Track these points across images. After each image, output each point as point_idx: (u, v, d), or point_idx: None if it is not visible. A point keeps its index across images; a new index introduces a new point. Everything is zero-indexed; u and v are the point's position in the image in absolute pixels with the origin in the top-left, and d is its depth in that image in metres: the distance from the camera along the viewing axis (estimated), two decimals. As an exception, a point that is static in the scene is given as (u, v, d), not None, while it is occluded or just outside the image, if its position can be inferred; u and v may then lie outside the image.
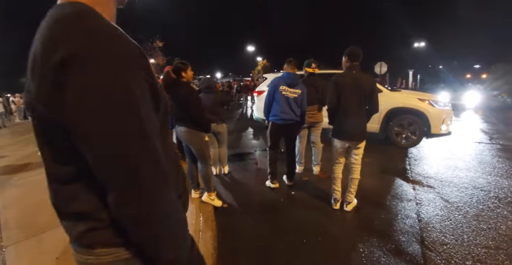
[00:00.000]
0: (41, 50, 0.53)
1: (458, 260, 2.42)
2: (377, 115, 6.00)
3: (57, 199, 0.69)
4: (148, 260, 0.69)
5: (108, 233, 0.67)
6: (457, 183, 4.12)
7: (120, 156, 0.55)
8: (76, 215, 0.67)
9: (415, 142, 6.08)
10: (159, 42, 20.06)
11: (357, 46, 3.09)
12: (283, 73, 3.80)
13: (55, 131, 0.56)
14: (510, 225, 2.97)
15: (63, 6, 0.60)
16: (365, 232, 2.86)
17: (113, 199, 0.59)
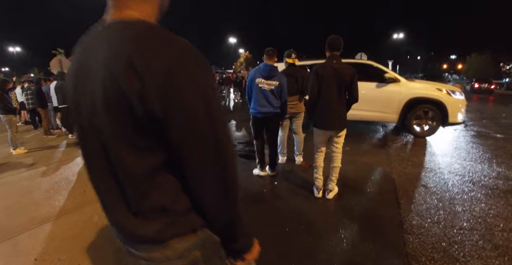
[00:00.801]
0: (139, 61, 0.62)
1: (435, 242, 2.50)
2: (396, 105, 6.01)
3: (134, 195, 0.73)
4: (223, 234, 0.80)
5: (183, 222, 0.75)
6: (434, 169, 4.25)
7: (212, 137, 0.69)
8: (155, 209, 0.73)
9: (432, 132, 6.09)
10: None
11: (338, 35, 3.08)
12: (260, 65, 3.73)
13: (148, 127, 0.66)
14: (484, 207, 3.10)
15: (133, 25, 0.69)
16: (347, 219, 2.91)
17: (201, 173, 0.70)
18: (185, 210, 0.75)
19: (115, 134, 0.69)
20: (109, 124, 0.69)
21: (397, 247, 2.45)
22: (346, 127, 3.18)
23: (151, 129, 0.66)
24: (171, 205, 0.73)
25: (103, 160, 0.74)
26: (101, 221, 2.95)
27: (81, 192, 3.72)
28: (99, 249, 2.49)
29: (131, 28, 0.68)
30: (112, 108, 0.66)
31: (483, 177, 3.92)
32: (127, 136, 0.68)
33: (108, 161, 0.73)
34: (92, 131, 0.73)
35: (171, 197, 0.73)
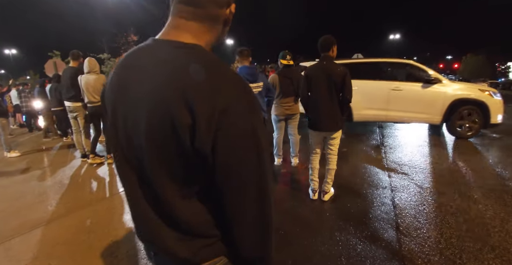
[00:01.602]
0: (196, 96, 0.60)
1: (431, 243, 2.48)
2: (440, 106, 5.88)
3: (172, 220, 0.73)
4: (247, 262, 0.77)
5: (215, 248, 0.75)
6: (430, 170, 4.24)
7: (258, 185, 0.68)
8: (195, 231, 0.74)
9: (475, 133, 6.00)
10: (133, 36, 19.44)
11: (330, 35, 3.05)
12: (240, 69, 3.45)
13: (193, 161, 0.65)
14: (481, 208, 3.08)
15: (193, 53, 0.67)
16: (342, 221, 2.88)
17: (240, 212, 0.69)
18: (218, 237, 0.75)
19: (154, 162, 0.69)
20: (149, 151, 0.68)
21: (393, 249, 2.43)
22: (341, 128, 3.15)
23: (195, 164, 0.65)
24: (207, 231, 0.74)
25: (137, 180, 0.75)
26: (93, 226, 2.91)
27: (74, 196, 3.67)
28: (90, 254, 2.45)
29: (191, 56, 0.66)
30: (155, 134, 0.65)
31: (480, 178, 3.90)
32: (167, 166, 0.68)
33: (145, 185, 0.73)
34: (130, 149, 0.72)
35: (207, 224, 0.74)
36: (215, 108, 0.60)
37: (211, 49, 0.79)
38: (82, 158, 5.09)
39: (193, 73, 0.62)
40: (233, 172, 0.65)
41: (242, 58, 3.41)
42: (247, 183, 0.67)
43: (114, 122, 0.75)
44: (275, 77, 4.16)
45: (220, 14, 0.74)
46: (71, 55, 4.83)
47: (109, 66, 17.95)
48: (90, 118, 4.76)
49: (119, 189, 3.78)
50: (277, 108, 4.25)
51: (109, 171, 4.54)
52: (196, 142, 0.61)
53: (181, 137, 0.61)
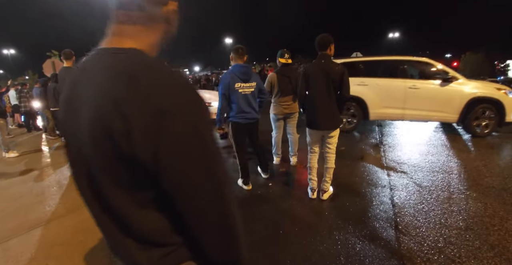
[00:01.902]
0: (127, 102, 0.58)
1: (430, 242, 2.47)
2: (457, 105, 5.82)
3: (127, 227, 0.71)
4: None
5: (176, 255, 0.72)
6: (429, 168, 4.23)
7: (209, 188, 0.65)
8: (151, 240, 0.71)
9: (491, 131, 5.97)
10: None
11: (327, 34, 3.04)
12: (233, 67, 3.31)
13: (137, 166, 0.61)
14: (479, 206, 3.07)
15: (127, 59, 0.64)
16: (341, 220, 2.88)
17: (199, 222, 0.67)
18: (179, 244, 0.73)
19: (102, 173, 0.67)
20: (97, 161, 0.66)
21: (392, 248, 2.42)
22: (339, 127, 3.14)
23: (142, 171, 0.62)
24: (165, 239, 0.71)
25: (91, 191, 0.72)
26: (91, 226, 2.89)
27: (72, 196, 3.66)
28: (89, 255, 2.44)
29: (125, 62, 0.64)
30: (97, 144, 0.63)
31: (479, 176, 3.89)
32: (115, 175, 0.65)
33: (100, 197, 0.70)
34: (81, 161, 0.70)
35: (164, 232, 0.71)
36: (149, 112, 0.57)
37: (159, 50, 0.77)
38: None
39: (124, 78, 0.60)
40: (179, 177, 0.63)
41: (237, 56, 3.31)
42: (197, 187, 0.64)
43: (67, 139, 0.75)
44: (273, 76, 4.15)
45: (157, 14, 0.72)
46: (63, 54, 4.76)
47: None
48: None
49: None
50: (275, 107, 4.24)
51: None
52: (135, 148, 0.59)
53: (120, 145, 0.59)
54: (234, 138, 3.48)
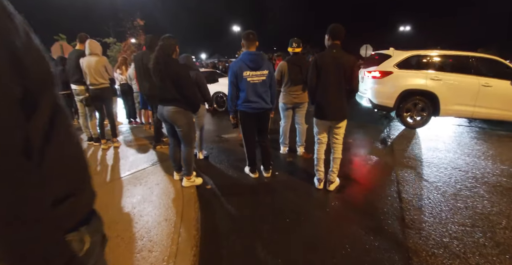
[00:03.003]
0: None
1: (436, 237, 2.48)
2: None
3: None
4: None
5: None
6: (437, 164, 4.20)
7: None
8: None
9: None
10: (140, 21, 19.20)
11: (340, 24, 2.98)
12: (243, 54, 3.22)
13: None
14: (486, 204, 3.06)
15: None
16: (347, 211, 2.89)
17: None
18: None
19: None
20: None
21: (398, 241, 2.44)
22: (347, 118, 3.12)
23: None
24: None
25: None
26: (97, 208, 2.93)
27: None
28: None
29: None
30: None
31: (487, 174, 3.87)
32: None
33: None
34: None
35: None
36: None
37: None
38: (88, 142, 5.11)
39: None
40: None
41: (248, 42, 3.19)
42: None
43: None
44: (284, 65, 4.10)
45: None
46: (79, 37, 4.80)
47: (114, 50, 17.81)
48: (91, 101, 4.70)
49: (125, 172, 3.80)
50: (285, 96, 4.21)
51: (114, 155, 4.56)
52: None
53: None
54: (242, 127, 3.47)
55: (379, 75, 6.14)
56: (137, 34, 18.83)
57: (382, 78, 6.10)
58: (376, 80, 6.17)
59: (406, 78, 6.01)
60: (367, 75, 6.41)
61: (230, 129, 5.82)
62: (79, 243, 0.73)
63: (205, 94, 3.91)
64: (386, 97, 6.12)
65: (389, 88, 6.07)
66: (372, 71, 6.24)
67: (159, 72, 2.94)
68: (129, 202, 3.00)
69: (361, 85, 6.81)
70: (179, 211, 2.81)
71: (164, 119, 3.17)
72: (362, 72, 6.68)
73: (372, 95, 6.32)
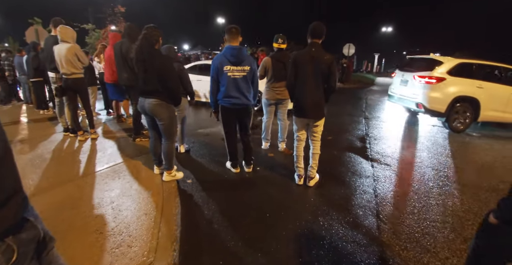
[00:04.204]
0: None
1: (408, 232, 2.59)
2: None
3: None
4: None
5: None
6: (411, 162, 4.38)
7: None
8: None
9: None
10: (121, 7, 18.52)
11: (321, 22, 3.00)
12: (225, 48, 3.20)
13: None
14: (456, 201, 3.23)
15: None
16: (326, 207, 2.96)
17: None
18: None
19: None
20: None
21: (373, 235, 2.53)
22: (324, 116, 3.17)
23: None
24: None
25: None
26: (77, 201, 2.85)
27: (56, 171, 3.57)
28: (75, 231, 2.41)
29: None
30: None
31: (458, 173, 4.07)
32: None
33: None
34: None
35: None
36: None
37: None
38: (64, 132, 4.93)
39: None
40: None
41: (230, 37, 3.16)
42: None
43: None
44: (268, 60, 4.11)
45: None
46: (53, 22, 4.52)
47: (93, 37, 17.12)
48: (62, 92, 4.45)
49: (103, 165, 3.71)
50: (268, 92, 4.22)
51: (91, 147, 4.43)
52: None
53: None
54: (222, 122, 3.46)
55: (434, 81, 6.25)
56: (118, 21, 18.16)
57: (437, 84, 6.23)
58: (431, 86, 6.28)
59: (457, 85, 6.27)
60: (418, 80, 6.48)
61: (213, 123, 5.78)
62: (4, 253, 0.73)
63: (187, 86, 3.85)
64: (439, 103, 6.28)
65: (443, 94, 6.26)
66: (427, 77, 6.34)
67: (143, 62, 2.87)
68: (107, 196, 2.94)
69: (405, 88, 7.01)
70: (159, 206, 2.78)
71: (145, 111, 3.11)
72: (411, 75, 6.76)
73: (425, 100, 6.37)
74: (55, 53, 4.20)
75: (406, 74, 7.01)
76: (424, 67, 6.62)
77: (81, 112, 5.57)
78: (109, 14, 18.20)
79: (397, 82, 7.37)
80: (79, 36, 4.51)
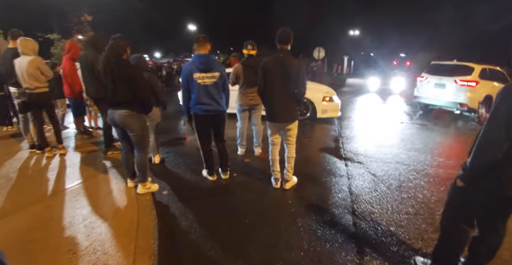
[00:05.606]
0: None
1: (383, 226, 2.69)
2: None
3: None
4: None
5: None
6: (383, 159, 4.54)
7: None
8: None
9: None
10: (87, 16, 17.96)
11: (288, 28, 3.06)
12: (193, 57, 3.25)
13: None
14: (426, 193, 3.38)
15: None
16: (303, 208, 3.01)
17: None
18: None
19: None
20: None
21: (350, 232, 2.60)
22: (297, 120, 3.23)
23: None
24: None
25: None
26: (47, 222, 2.71)
27: (23, 190, 3.38)
28: (46, 253, 2.29)
29: None
30: None
31: (426, 166, 4.27)
32: None
33: None
34: None
35: None
36: None
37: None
38: (30, 149, 4.68)
39: None
40: None
41: (198, 46, 3.19)
42: None
43: None
44: (238, 67, 4.15)
45: None
46: (10, 34, 4.31)
47: (59, 47, 16.44)
48: (25, 107, 4.24)
49: (73, 181, 3.56)
50: (241, 98, 4.25)
51: (60, 163, 4.24)
52: None
53: None
54: (196, 130, 3.45)
55: (474, 84, 7.45)
56: (84, 30, 17.58)
57: (476, 86, 7.44)
58: (471, 88, 7.46)
59: (486, 87, 7.52)
60: (460, 84, 7.59)
61: (187, 131, 5.73)
62: None
63: (158, 96, 3.80)
64: (475, 102, 7.45)
65: (478, 94, 7.48)
66: (469, 81, 7.52)
67: (110, 73, 2.81)
68: (79, 214, 2.82)
69: (443, 91, 7.99)
70: (135, 220, 2.70)
71: (115, 123, 3.03)
72: (450, 80, 7.85)
73: (467, 100, 7.49)
74: (16, 66, 4.00)
75: (443, 78, 8.04)
76: (460, 73, 7.77)
77: (48, 127, 5.32)
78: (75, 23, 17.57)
79: (429, 85, 8.38)
80: (44, 47, 4.32)
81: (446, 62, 8.66)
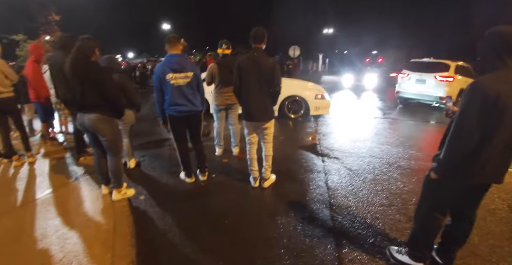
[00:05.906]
0: None
1: (360, 219, 2.77)
2: None
3: None
4: None
5: None
6: (357, 153, 4.68)
7: None
8: None
9: None
10: (55, 15, 17.13)
11: (262, 27, 3.07)
12: (165, 57, 3.20)
13: None
14: (399, 185, 3.52)
15: None
16: (282, 205, 3.04)
17: None
18: None
19: None
20: None
21: (328, 227, 2.66)
22: (273, 118, 3.26)
23: None
24: None
25: None
26: (19, 234, 2.59)
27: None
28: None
29: None
30: None
31: (398, 159, 4.44)
32: None
33: None
34: None
35: None
36: None
37: None
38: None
39: None
40: None
41: (169, 46, 3.15)
42: None
43: None
44: (214, 67, 4.12)
45: None
46: None
47: (25, 49, 15.59)
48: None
49: (44, 190, 3.40)
50: (217, 98, 4.23)
51: (29, 172, 4.04)
52: None
53: None
54: (172, 131, 3.39)
55: (452, 79, 8.20)
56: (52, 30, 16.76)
57: (453, 81, 8.18)
58: (449, 83, 8.19)
59: (460, 81, 8.22)
60: (439, 79, 8.27)
61: (163, 133, 5.61)
62: None
63: (131, 98, 3.70)
64: (453, 95, 8.02)
65: (454, 88, 8.19)
66: (447, 77, 8.24)
67: (78, 76, 2.71)
68: (51, 225, 2.70)
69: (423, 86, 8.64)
70: (111, 227, 2.63)
71: (85, 128, 2.93)
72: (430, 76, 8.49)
73: (446, 94, 8.10)
74: None
75: (423, 75, 8.70)
76: (439, 69, 8.45)
77: (15, 134, 5.05)
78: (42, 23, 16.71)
79: (411, 81, 9.00)
80: (9, 49, 4.08)
81: (425, 60, 9.37)
